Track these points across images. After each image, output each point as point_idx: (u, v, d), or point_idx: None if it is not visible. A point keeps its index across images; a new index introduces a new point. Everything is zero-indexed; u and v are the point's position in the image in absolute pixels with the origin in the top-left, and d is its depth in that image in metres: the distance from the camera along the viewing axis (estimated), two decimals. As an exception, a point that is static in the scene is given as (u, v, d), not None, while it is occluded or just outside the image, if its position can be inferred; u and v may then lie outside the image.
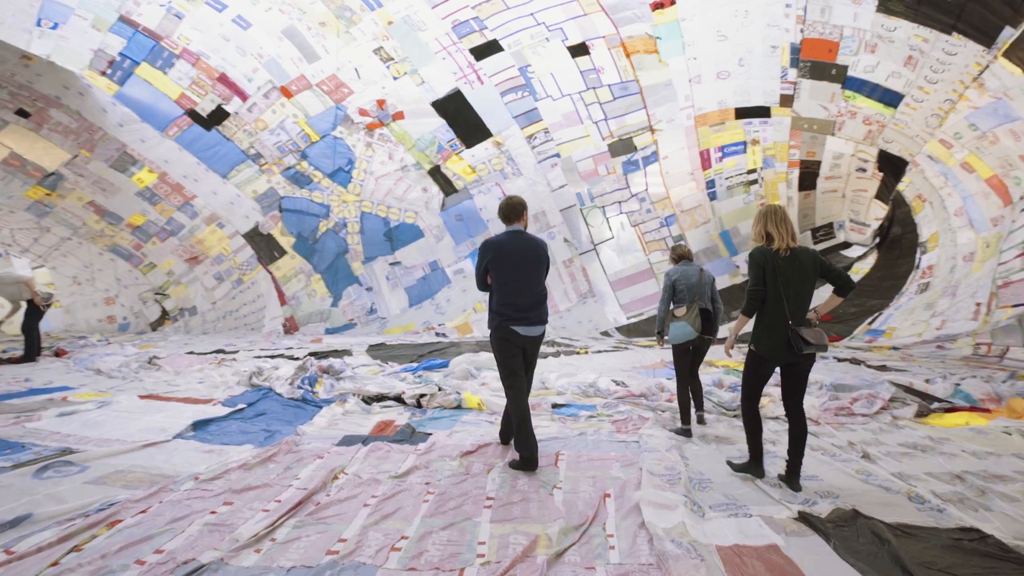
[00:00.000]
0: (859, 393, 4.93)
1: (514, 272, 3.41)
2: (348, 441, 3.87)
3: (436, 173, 12.20)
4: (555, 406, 4.83)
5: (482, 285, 3.57)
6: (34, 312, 7.35)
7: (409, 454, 3.58)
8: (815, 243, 12.19)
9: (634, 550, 2.32)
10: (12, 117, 9.63)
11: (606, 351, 9.34)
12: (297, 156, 11.60)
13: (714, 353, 8.38)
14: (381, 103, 11.01)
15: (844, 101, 9.47)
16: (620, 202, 12.03)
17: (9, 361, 7.03)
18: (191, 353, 8.08)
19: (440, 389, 5.16)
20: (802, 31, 8.65)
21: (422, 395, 4.99)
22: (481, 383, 5.52)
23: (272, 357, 7.77)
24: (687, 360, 4.21)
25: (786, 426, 3.69)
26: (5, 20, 8.33)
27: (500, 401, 4.84)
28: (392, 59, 10.17)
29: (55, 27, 8.77)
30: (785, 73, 9.42)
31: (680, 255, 4.47)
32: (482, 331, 11.83)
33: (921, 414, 4.62)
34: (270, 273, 12.51)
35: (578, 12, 9.23)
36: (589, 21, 9.32)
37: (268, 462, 3.38)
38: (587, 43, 9.70)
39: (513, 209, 3.53)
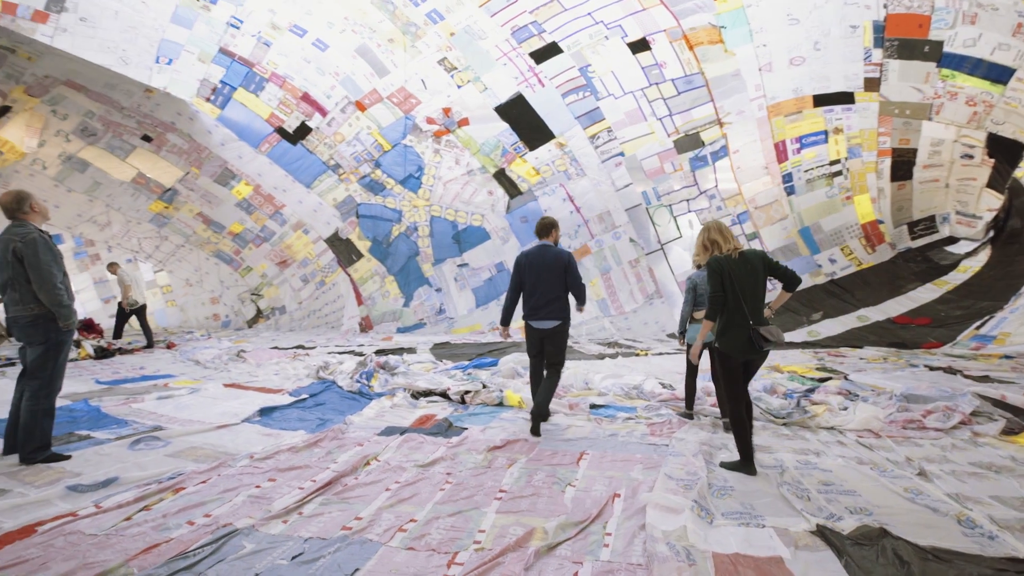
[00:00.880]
0: (935, 405, 4.46)
1: (533, 278, 4.19)
2: (389, 432, 4.16)
3: (501, 176, 12.48)
4: (593, 407, 4.85)
5: (510, 290, 4.32)
6: (121, 313, 9.00)
7: (440, 446, 3.79)
8: (913, 239, 11.02)
9: (628, 550, 2.34)
10: (138, 142, 11.17)
11: (668, 353, 9.09)
12: (371, 165, 12.37)
13: (782, 358, 7.91)
14: (447, 111, 11.47)
15: (941, 81, 8.50)
16: (688, 200, 11.61)
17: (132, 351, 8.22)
18: (275, 348, 8.94)
19: (484, 386, 5.35)
20: (885, 7, 7.89)
21: (467, 392, 5.21)
22: (526, 382, 5.64)
23: (343, 353, 8.41)
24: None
25: (836, 437, 3.59)
26: (131, 60, 9.69)
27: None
28: (456, 68, 10.57)
29: (170, 63, 10.07)
30: (868, 54, 8.62)
31: (700, 264, 4.50)
32: (545, 331, 11.93)
33: (1011, 431, 4.11)
34: (349, 275, 13.45)
35: (636, 7, 9.07)
36: (648, 16, 9.13)
37: (314, 446, 3.74)
38: (647, 38, 9.49)
39: (544, 227, 4.46)
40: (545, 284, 4.15)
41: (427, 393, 5.32)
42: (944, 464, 3.48)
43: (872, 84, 9.12)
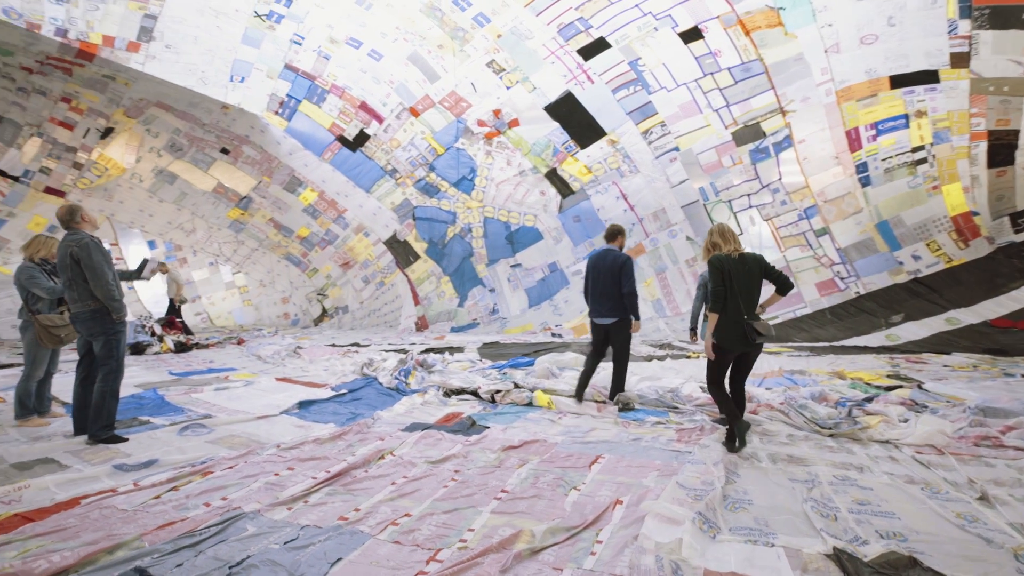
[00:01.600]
0: (1017, 420, 3.92)
1: (592, 279, 4.84)
2: (413, 427, 4.26)
3: (553, 176, 12.41)
4: (623, 410, 4.69)
5: (584, 288, 5.01)
6: (172, 308, 9.95)
7: (457, 443, 3.82)
8: (1016, 231, 9.74)
9: (614, 560, 2.24)
10: (218, 154, 12.19)
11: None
12: (426, 169, 12.73)
13: (850, 364, 7.28)
14: (497, 113, 11.57)
15: (1046, 51, 7.45)
16: (749, 195, 10.96)
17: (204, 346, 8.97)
18: (332, 345, 9.41)
19: (516, 386, 5.34)
20: (973, -28, 7.04)
21: (497, 391, 5.23)
22: (561, 382, 5.56)
23: (394, 351, 8.70)
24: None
25: (889, 452, 3.58)
26: (209, 80, 10.60)
27: (568, 402, 4.88)
28: (504, 70, 10.64)
29: (242, 80, 10.91)
30: (954, 27, 7.73)
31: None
32: (596, 332, 11.74)
33: (1111, 453, 3.53)
34: (406, 276, 13.92)
35: (687, -5, 8.70)
36: (700, 2, 8.72)
37: (338, 439, 3.90)
38: (699, 27, 9.07)
39: (610, 233, 4.99)
40: (602, 285, 4.73)
41: (459, 391, 5.39)
42: (1017, 489, 3.04)
43: (960, 60, 8.17)
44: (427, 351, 8.98)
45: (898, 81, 8.96)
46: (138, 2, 8.49)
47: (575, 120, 11.31)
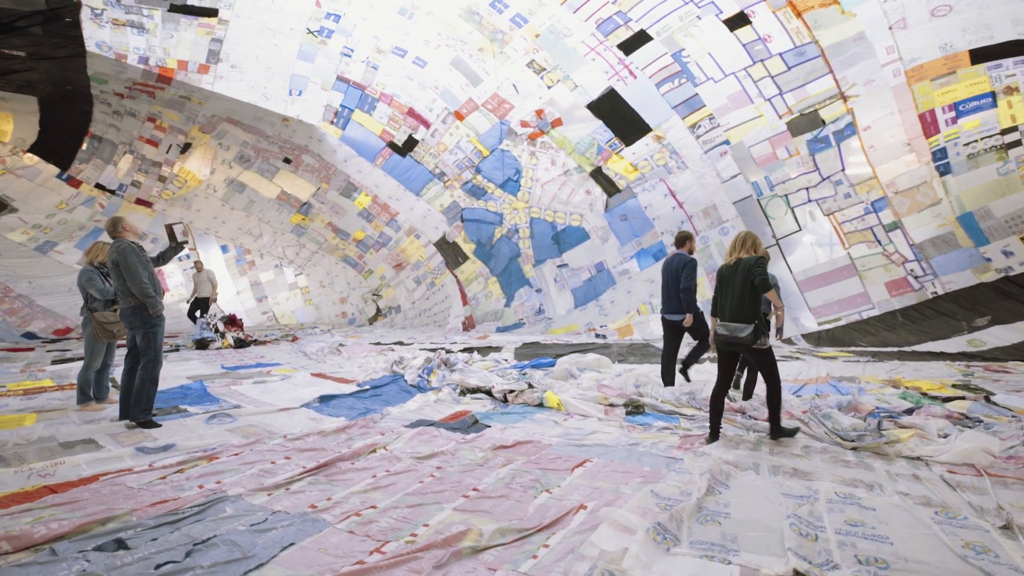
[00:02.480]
0: (1080, 440, 3.40)
1: (663, 280, 5.39)
2: (417, 424, 4.38)
3: (598, 175, 12.22)
4: (630, 413, 4.55)
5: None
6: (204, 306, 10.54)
7: (452, 441, 3.89)
8: None
9: (553, 566, 2.20)
10: (281, 164, 13.09)
11: (778, 360, 8.11)
12: (472, 171, 12.95)
13: (915, 372, 6.63)
14: (540, 113, 11.56)
15: None
16: (808, 188, 10.21)
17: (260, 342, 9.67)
18: (377, 344, 9.82)
19: (531, 387, 5.33)
20: (1064, -73, 6.14)
21: (511, 391, 5.25)
22: (576, 384, 5.49)
23: (434, 350, 8.95)
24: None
25: (915, 470, 3.34)
26: (271, 95, 11.42)
27: (577, 403, 4.81)
28: (544, 69, 10.62)
29: (300, 94, 11.66)
30: (1044, -10, 6.78)
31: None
32: (642, 333, 11.43)
33: None
34: (455, 276, 14.23)
35: (730, -20, 8.26)
36: (744, -13, 8.25)
37: (341, 432, 4.09)
38: (745, 12, 8.58)
39: (679, 239, 5.49)
40: (668, 284, 5.30)
41: (475, 390, 5.46)
42: (1058, 517, 2.65)
43: (1056, 27, 7.16)
44: (465, 350, 9.15)
45: (980, 55, 8.01)
46: (205, 28, 9.31)
47: (619, 117, 11.06)
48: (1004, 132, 8.58)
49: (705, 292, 11.58)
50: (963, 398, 5.16)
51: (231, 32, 9.66)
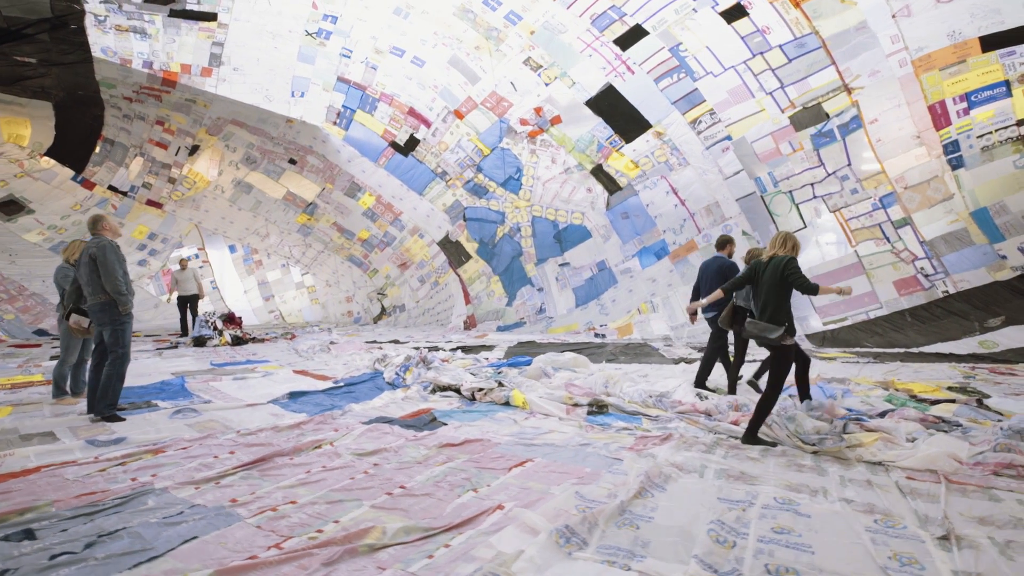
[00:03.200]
0: (1056, 447, 3.17)
1: (701, 280, 5.73)
2: (377, 420, 4.36)
3: (599, 172, 12.07)
4: (592, 413, 4.45)
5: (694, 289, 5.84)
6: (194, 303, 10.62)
7: (402, 438, 3.86)
8: None
9: (445, 567, 2.13)
10: (286, 165, 13.30)
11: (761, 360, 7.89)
12: (474, 170, 12.94)
13: (915, 373, 6.35)
14: (538, 110, 11.48)
15: None
16: (813, 184, 9.88)
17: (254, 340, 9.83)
18: (374, 342, 9.88)
19: (501, 385, 5.27)
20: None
21: (480, 389, 5.19)
22: (547, 383, 5.40)
23: (428, 348, 8.95)
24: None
25: (872, 475, 3.19)
26: (274, 97, 11.62)
27: (541, 402, 4.73)
28: (541, 66, 10.53)
29: (302, 95, 11.83)
30: (1054, -29, 6.40)
31: (752, 255, 5.25)
32: (642, 333, 11.24)
33: None
34: (458, 276, 14.24)
35: (724, -30, 8.04)
36: (739, -23, 8.02)
37: (296, 428, 4.10)
38: (742, 3, 8.34)
39: (720, 243, 5.76)
40: (708, 286, 5.49)
41: (445, 388, 5.42)
42: (1007, 531, 2.46)
43: (1071, 10, 6.76)
44: (458, 349, 9.14)
45: (991, 42, 7.62)
46: (205, 32, 9.52)
47: (618, 113, 10.90)
48: (1020, 123, 8.16)
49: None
50: (953, 401, 4.91)
51: (231, 35, 9.85)
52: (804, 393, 4.30)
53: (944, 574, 2.09)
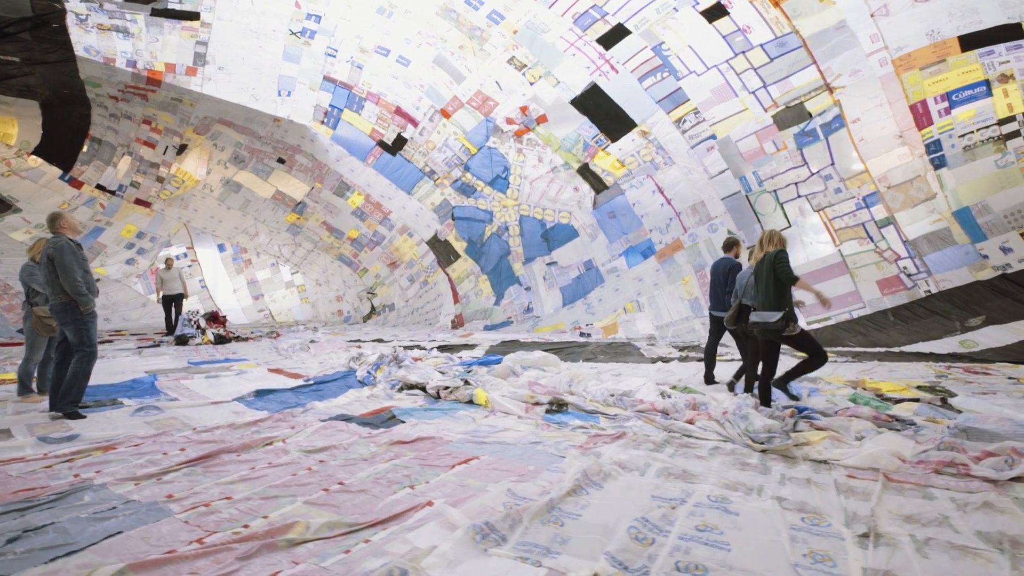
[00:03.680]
0: (999, 446, 3.16)
1: (711, 281, 5.91)
2: (337, 418, 4.37)
3: (585, 171, 12.07)
4: (550, 411, 4.46)
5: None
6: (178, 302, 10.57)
7: (355, 436, 3.87)
8: None
9: (359, 562, 2.14)
10: (275, 164, 13.33)
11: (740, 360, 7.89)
12: (461, 169, 12.95)
13: (889, 372, 6.34)
14: (524, 109, 11.48)
15: None
16: (797, 183, 9.87)
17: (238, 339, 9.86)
18: (355, 341, 9.90)
19: (467, 383, 5.28)
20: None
21: (445, 387, 5.21)
22: (513, 382, 5.41)
23: (405, 347, 8.97)
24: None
25: (813, 474, 3.21)
26: (260, 96, 11.64)
27: (503, 401, 4.73)
28: (525, 65, 10.54)
29: (289, 95, 11.85)
30: (1028, -31, 6.38)
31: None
32: (627, 332, 11.24)
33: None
34: (447, 275, 14.26)
35: (703, -31, 8.04)
36: (718, -24, 8.01)
37: (253, 425, 4.11)
38: (722, 2, 8.33)
39: (726, 245, 6.03)
40: (714, 285, 5.84)
41: (412, 387, 5.43)
42: (931, 529, 2.46)
43: (1047, 9, 6.74)
44: (441, 347, 9.15)
45: (970, 41, 7.61)
46: (188, 31, 9.54)
47: (603, 113, 10.91)
48: (1001, 122, 8.14)
49: (693, 291, 11.34)
50: (918, 400, 4.91)
51: (215, 35, 9.87)
52: (766, 395, 4.36)
53: (854, 572, 2.09)
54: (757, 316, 4.25)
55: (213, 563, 2.12)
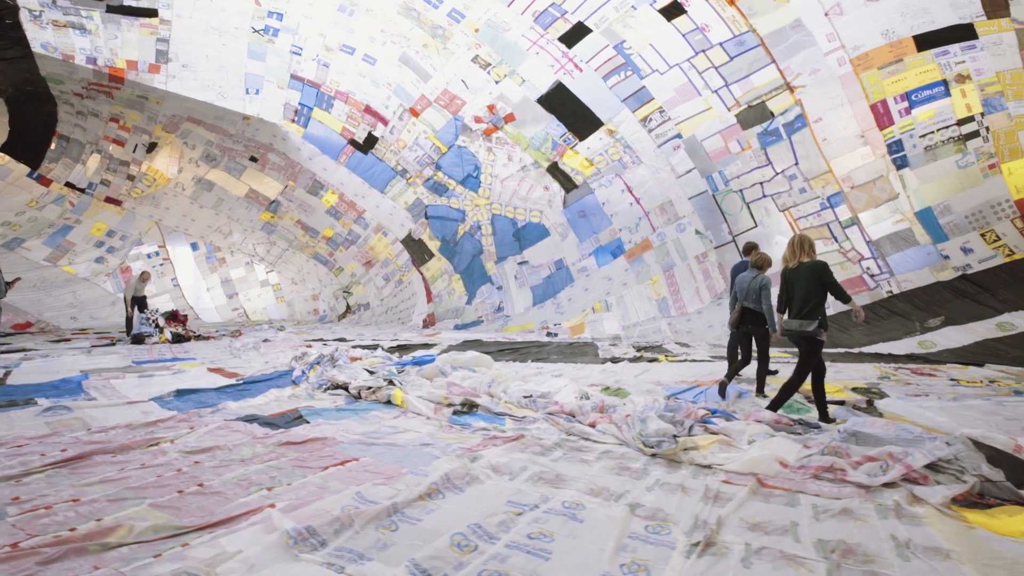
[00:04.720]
0: (879, 451, 3.09)
1: (735, 290, 5.57)
2: (247, 419, 4.32)
3: (555, 170, 12.00)
4: (458, 413, 4.40)
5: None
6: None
7: (248, 436, 3.82)
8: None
9: (160, 564, 2.10)
10: (247, 162, 13.30)
11: (702, 361, 7.83)
12: (433, 168, 12.90)
13: (836, 373, 6.25)
14: (491, 108, 11.42)
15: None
16: (762, 183, 9.79)
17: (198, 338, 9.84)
18: (317, 340, 9.85)
19: (390, 384, 5.23)
20: None
21: (368, 387, 5.16)
22: (437, 383, 5.35)
23: (365, 347, 8.92)
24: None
25: (692, 480, 3.17)
26: (227, 94, 11.60)
27: (416, 402, 4.68)
28: (490, 64, 10.47)
29: (257, 92, 11.81)
30: (974, -34, 6.28)
31: (760, 260, 5.36)
32: (593, 332, 11.15)
33: (976, 502, 2.66)
34: (421, 274, 14.21)
35: (657, -34, 7.96)
36: (671, -27, 7.93)
37: (151, 426, 4.07)
38: (679, 0, 8.25)
39: (746, 248, 6.10)
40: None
41: (339, 386, 5.39)
42: (776, 537, 2.39)
43: (997, 7, 6.66)
44: (399, 347, 9.10)
45: (925, 41, 7.51)
46: (148, 28, 9.52)
47: (569, 111, 10.84)
48: (961, 123, 8.06)
49: (661, 291, 11.26)
50: (843, 402, 4.85)
51: (176, 32, 9.84)
52: (822, 407, 4.26)
53: (665, 582, 2.03)
54: (794, 324, 4.27)
55: (11, 568, 2.07)
